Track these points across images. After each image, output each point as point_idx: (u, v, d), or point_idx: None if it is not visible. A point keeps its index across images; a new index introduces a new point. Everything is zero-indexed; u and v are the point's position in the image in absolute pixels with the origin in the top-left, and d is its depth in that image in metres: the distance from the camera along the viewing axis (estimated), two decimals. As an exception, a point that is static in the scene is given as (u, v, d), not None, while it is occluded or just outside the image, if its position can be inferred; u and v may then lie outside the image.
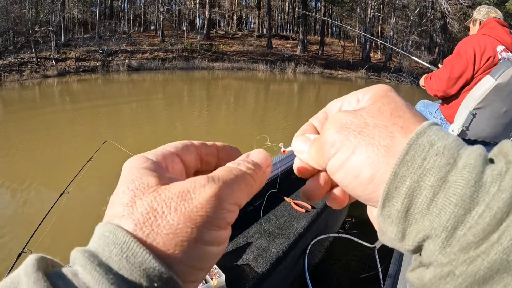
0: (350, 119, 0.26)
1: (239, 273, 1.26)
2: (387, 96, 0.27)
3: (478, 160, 0.21)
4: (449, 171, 0.21)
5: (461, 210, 0.20)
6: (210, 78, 19.26)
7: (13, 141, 6.79)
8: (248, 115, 10.18)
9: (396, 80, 21.30)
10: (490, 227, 0.19)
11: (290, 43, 29.26)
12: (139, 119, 8.92)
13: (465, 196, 0.20)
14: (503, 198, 0.19)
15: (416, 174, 0.22)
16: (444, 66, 2.61)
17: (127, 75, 18.62)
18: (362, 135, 0.24)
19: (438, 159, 0.21)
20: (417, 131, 0.23)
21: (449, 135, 0.23)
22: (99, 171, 4.91)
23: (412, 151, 0.22)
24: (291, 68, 23.27)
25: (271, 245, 1.44)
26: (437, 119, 2.95)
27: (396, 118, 0.25)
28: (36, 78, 16.28)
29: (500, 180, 0.20)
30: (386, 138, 0.24)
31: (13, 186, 4.70)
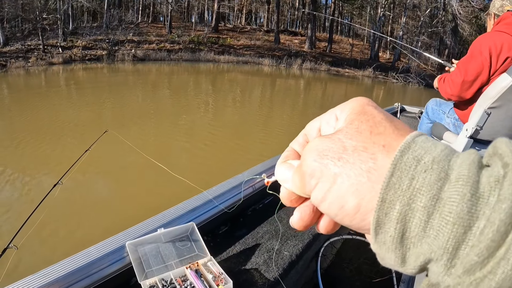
0: (327, 145, 0.24)
1: (248, 278, 1.13)
2: (364, 112, 0.25)
3: (471, 168, 0.19)
4: (441, 187, 0.19)
5: (460, 229, 0.18)
6: (216, 71, 19.16)
7: (16, 128, 6.73)
8: (253, 110, 10.06)
9: (404, 81, 21.06)
10: (494, 243, 0.17)
11: (298, 39, 29.02)
12: (143, 110, 8.82)
13: (462, 212, 0.18)
14: (504, 208, 0.17)
15: (406, 197, 0.20)
16: (458, 68, 2.45)
17: (132, 65, 18.56)
18: (341, 161, 0.23)
19: (427, 176, 0.20)
20: (401, 147, 0.21)
21: (437, 145, 0.21)
22: (98, 162, 4.83)
23: (397, 172, 0.20)
24: (297, 64, 23.07)
25: (283, 247, 1.32)
26: (451, 118, 2.83)
27: (376, 136, 0.23)
28: (42, 65, 16.27)
29: (499, 188, 0.18)
30: (367, 161, 0.22)
31: (7, 175, 4.60)
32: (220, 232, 1.40)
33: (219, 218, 1.41)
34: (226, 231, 1.41)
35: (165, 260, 1.04)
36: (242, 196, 1.52)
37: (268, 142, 6.73)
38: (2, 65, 15.16)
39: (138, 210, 3.74)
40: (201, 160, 5.59)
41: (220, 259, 1.21)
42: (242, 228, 1.44)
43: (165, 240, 1.08)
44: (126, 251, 1.02)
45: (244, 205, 1.51)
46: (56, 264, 0.96)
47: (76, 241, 3.17)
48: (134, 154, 5.40)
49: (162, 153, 5.82)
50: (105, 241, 1.07)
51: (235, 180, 1.57)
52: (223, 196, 1.45)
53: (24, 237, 1.36)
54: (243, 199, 1.52)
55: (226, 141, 6.76)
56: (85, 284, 0.96)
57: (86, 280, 0.96)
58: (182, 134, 6.97)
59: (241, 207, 1.52)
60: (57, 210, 3.49)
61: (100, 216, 3.72)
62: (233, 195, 1.49)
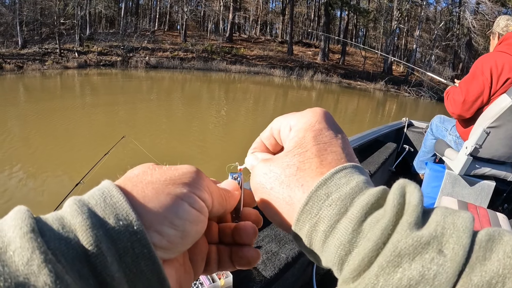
0: (266, 173, 0.30)
1: (247, 275, 1.24)
2: (302, 143, 0.30)
3: (361, 209, 0.25)
4: (338, 220, 0.25)
5: (342, 252, 0.24)
6: (228, 81, 19.36)
7: (32, 129, 6.96)
8: (266, 120, 10.16)
9: (416, 95, 21.00)
10: (360, 268, 0.23)
11: (312, 51, 29.19)
12: (157, 117, 9.02)
13: (345, 240, 0.24)
14: (369, 246, 0.23)
15: (313, 221, 0.26)
16: (460, 88, 2.50)
17: (145, 72, 18.90)
18: (272, 191, 0.30)
19: (330, 209, 0.26)
20: (317, 184, 0.27)
21: (349, 182, 0.27)
22: (114, 165, 5.00)
23: (310, 202, 0.27)
24: (308, 75, 23.18)
25: (281, 250, 1.41)
26: (452, 135, 2.91)
27: (300, 173, 0.29)
28: (57, 69, 16.68)
29: (373, 227, 0.24)
30: (287, 197, 0.29)
31: (29, 174, 4.80)
32: None
33: None
34: None
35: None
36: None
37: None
38: (19, 67, 15.61)
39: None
40: (211, 168, 5.72)
41: (222, 256, 1.33)
42: None
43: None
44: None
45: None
46: None
47: None
48: (148, 159, 5.55)
49: (174, 160, 5.98)
50: None
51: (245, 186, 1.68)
52: None
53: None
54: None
55: (237, 151, 6.88)
56: None
57: None
58: (193, 143, 7.13)
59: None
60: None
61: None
62: None
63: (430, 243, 0.22)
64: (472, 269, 0.21)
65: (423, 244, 0.22)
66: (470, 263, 0.21)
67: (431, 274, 0.21)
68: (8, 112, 7.94)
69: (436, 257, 0.22)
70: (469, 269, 0.21)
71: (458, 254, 0.21)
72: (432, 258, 0.22)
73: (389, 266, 0.22)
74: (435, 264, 0.21)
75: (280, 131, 0.34)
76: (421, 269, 0.21)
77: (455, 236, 0.22)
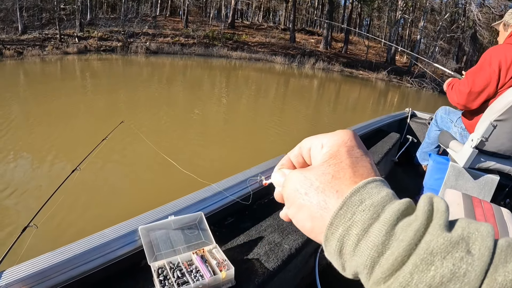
0: (301, 180, 0.33)
1: (249, 267, 1.20)
2: (337, 154, 0.33)
3: (394, 214, 0.27)
4: (371, 224, 0.27)
5: (375, 253, 0.26)
6: (229, 67, 19.21)
7: (30, 115, 6.91)
8: (266, 108, 10.11)
9: (418, 86, 20.86)
10: (393, 267, 0.25)
11: (315, 39, 28.89)
12: (157, 103, 8.94)
13: (378, 242, 0.26)
14: (403, 245, 0.25)
15: (346, 225, 0.28)
16: (466, 78, 2.45)
17: (145, 58, 18.75)
18: (307, 196, 0.32)
19: (364, 214, 0.28)
20: (352, 191, 0.29)
21: (380, 192, 0.29)
22: (112, 151, 4.96)
23: (345, 207, 0.29)
24: (310, 63, 22.96)
25: (284, 241, 1.38)
26: (458, 127, 2.86)
27: (335, 181, 0.31)
28: (57, 54, 16.55)
29: (405, 231, 0.26)
30: (322, 202, 0.31)
31: (25, 159, 4.77)
32: (226, 223, 1.47)
33: (226, 210, 1.48)
34: (232, 223, 1.48)
35: (174, 245, 1.12)
36: (250, 190, 1.60)
37: (279, 141, 6.80)
38: (19, 53, 15.48)
39: (150, 199, 3.85)
40: (212, 154, 5.68)
41: (224, 247, 1.28)
42: (247, 221, 1.50)
43: (174, 227, 1.16)
44: (138, 235, 1.10)
45: (250, 199, 1.59)
46: (73, 243, 1.04)
47: (91, 225, 3.30)
48: (146, 145, 5.53)
49: (174, 146, 5.94)
50: (119, 224, 1.15)
51: (243, 175, 1.63)
52: (231, 189, 1.52)
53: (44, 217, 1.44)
54: (250, 193, 1.60)
55: (238, 137, 6.84)
56: (99, 263, 1.03)
57: (100, 259, 1.04)
58: (194, 129, 7.07)
59: (248, 201, 1.60)
60: (75, 194, 3.63)
61: (114, 202, 3.84)
62: (241, 188, 1.56)
63: (459, 243, 0.24)
64: (495, 269, 0.23)
65: (453, 244, 0.24)
66: (494, 264, 0.23)
67: (462, 272, 0.23)
68: (7, 97, 7.86)
69: (465, 256, 0.23)
70: (493, 269, 0.23)
71: (484, 254, 0.24)
72: (461, 257, 0.23)
73: (423, 264, 0.24)
74: (465, 262, 0.23)
75: (311, 148, 0.37)
76: (452, 267, 0.23)
77: (480, 239, 0.24)
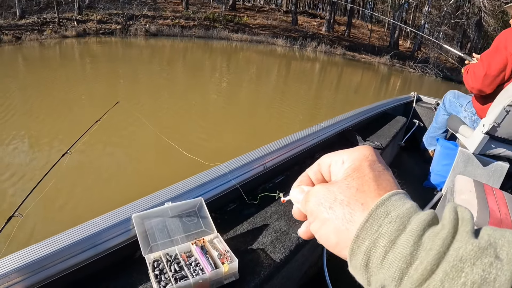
0: (324, 194, 0.33)
1: (254, 258, 1.10)
2: (359, 168, 0.33)
3: (420, 225, 0.27)
4: (398, 235, 0.27)
5: (403, 264, 0.26)
6: (230, 49, 18.94)
7: (27, 98, 6.77)
8: (268, 90, 9.96)
9: (421, 71, 20.59)
10: (423, 277, 0.25)
11: (317, 22, 28.38)
12: (156, 85, 8.79)
13: (406, 253, 0.26)
14: (432, 254, 0.25)
15: (373, 237, 0.28)
16: (481, 61, 2.35)
17: (145, 40, 18.46)
18: (331, 210, 0.32)
19: (390, 226, 0.28)
20: (377, 203, 0.29)
21: (405, 204, 0.29)
22: (108, 133, 4.85)
23: (371, 219, 0.29)
24: (312, 46, 22.61)
25: (291, 229, 1.27)
26: (468, 112, 2.76)
27: (360, 194, 0.31)
28: (55, 38, 16.31)
29: (433, 240, 0.26)
30: (347, 214, 0.31)
31: (18, 143, 4.64)
32: (228, 209, 1.37)
33: (228, 195, 1.39)
34: (234, 209, 1.38)
35: (171, 234, 1.03)
36: (253, 174, 1.50)
37: (282, 123, 6.69)
38: (17, 38, 15.24)
39: (147, 183, 3.76)
40: (213, 137, 5.59)
41: (226, 236, 1.19)
42: (250, 207, 1.40)
43: (172, 214, 1.07)
44: (132, 224, 1.01)
45: (254, 183, 1.49)
46: (61, 233, 0.95)
47: (83, 212, 3.20)
48: (145, 127, 5.42)
49: (174, 128, 5.83)
50: (111, 212, 1.05)
51: (247, 157, 1.53)
52: (234, 173, 1.42)
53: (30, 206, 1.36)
54: (253, 177, 1.50)
55: (239, 120, 6.73)
56: (89, 255, 0.95)
57: (90, 251, 0.95)
58: (194, 111, 6.96)
59: (251, 185, 1.49)
60: (65, 180, 3.52)
61: (108, 188, 3.74)
62: (244, 172, 1.46)
63: (488, 249, 0.24)
64: None
65: (482, 250, 0.24)
66: None
67: (492, 277, 0.23)
68: (4, 82, 7.70)
69: (494, 261, 0.23)
70: None
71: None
72: (491, 263, 0.23)
73: (453, 271, 0.24)
74: (494, 268, 0.23)
75: (331, 165, 0.37)
76: (482, 273, 0.23)
77: (507, 244, 0.24)
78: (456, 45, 25.00)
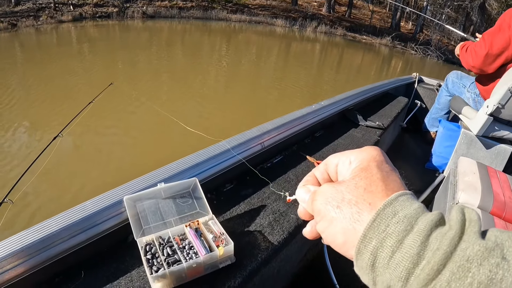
0: (332, 193, 0.33)
1: (251, 241, 1.06)
2: (367, 168, 0.33)
3: (427, 225, 0.27)
4: (405, 235, 0.27)
5: (410, 264, 0.26)
6: (229, 30, 18.63)
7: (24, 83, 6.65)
8: (268, 70, 9.81)
9: (423, 53, 20.31)
10: (429, 277, 0.25)
11: (318, 2, 27.83)
12: (155, 67, 8.64)
13: (413, 253, 0.26)
14: (439, 254, 0.25)
15: (380, 237, 0.28)
16: (483, 40, 2.28)
17: (142, 22, 18.13)
18: (339, 209, 0.32)
19: (398, 226, 0.28)
20: (385, 203, 0.29)
21: (412, 205, 0.29)
22: (102, 115, 4.76)
23: (378, 219, 0.29)
24: (312, 26, 22.24)
25: (290, 210, 1.23)
26: (471, 93, 2.70)
27: (367, 194, 0.31)
28: (51, 24, 16.02)
29: (440, 241, 0.26)
30: (355, 214, 0.31)
31: (10, 126, 4.56)
32: (224, 190, 1.33)
33: (224, 175, 1.34)
34: (231, 189, 1.34)
35: (164, 217, 0.99)
36: (250, 153, 1.45)
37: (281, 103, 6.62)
38: (13, 25, 14.96)
39: (141, 165, 3.71)
40: (213, 116, 5.52)
41: (222, 218, 1.15)
42: (248, 187, 1.36)
43: (165, 195, 1.02)
44: (124, 206, 0.96)
45: (252, 162, 1.45)
46: (50, 219, 0.91)
47: (76, 196, 3.14)
48: (140, 108, 5.35)
49: (173, 108, 5.75)
50: (102, 195, 1.01)
51: (243, 136, 1.49)
52: (229, 153, 1.38)
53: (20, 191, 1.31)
54: (252, 156, 1.45)
55: (238, 101, 6.63)
56: (80, 240, 0.91)
57: (81, 236, 0.91)
58: (194, 91, 6.87)
59: (249, 164, 1.46)
60: (57, 163, 3.46)
61: (104, 170, 3.68)
62: (241, 151, 1.42)
63: (494, 249, 0.24)
64: None
65: (489, 250, 0.24)
66: None
67: (498, 278, 0.23)
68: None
69: (501, 262, 0.24)
70: None
71: None
72: (497, 263, 0.23)
73: (460, 271, 0.24)
74: (501, 268, 0.23)
75: (338, 165, 0.37)
76: (489, 273, 0.23)
77: None
78: (458, 28, 24.57)
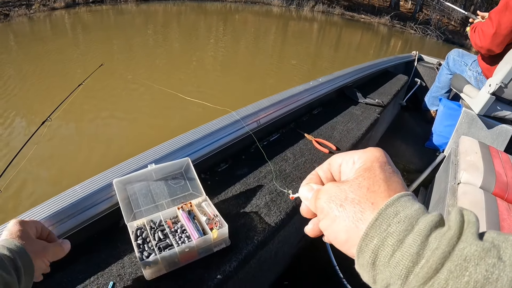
0: (335, 192, 0.34)
1: (246, 222, 1.02)
2: (370, 168, 0.34)
3: (427, 226, 0.28)
4: (406, 235, 0.28)
5: (410, 263, 0.27)
6: (225, 11, 18.28)
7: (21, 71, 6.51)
8: (265, 53, 9.65)
9: (422, 33, 20.01)
10: (428, 275, 0.26)
11: (315, -19, 27.29)
12: (152, 49, 8.47)
13: (413, 252, 0.27)
14: (437, 253, 0.26)
15: (382, 236, 0.29)
16: (490, 19, 2.21)
17: (136, 6, 17.73)
18: (342, 208, 0.33)
19: (399, 225, 0.29)
20: (387, 203, 0.30)
21: (413, 206, 0.30)
22: (93, 97, 4.66)
23: (380, 218, 0.30)
24: (309, 6, 21.83)
25: (288, 189, 1.19)
26: (473, 71, 2.63)
27: (370, 194, 0.32)
28: (44, 11, 15.66)
29: (439, 240, 0.27)
30: (358, 213, 0.32)
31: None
32: (219, 170, 1.28)
33: (218, 155, 1.29)
34: (225, 169, 1.29)
35: (156, 199, 0.95)
36: (247, 131, 1.40)
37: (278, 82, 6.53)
38: (5, 15, 14.59)
39: (134, 147, 3.64)
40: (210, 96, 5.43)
41: (217, 199, 1.11)
42: (243, 167, 1.31)
43: (156, 177, 0.97)
44: (114, 190, 0.92)
45: (247, 141, 1.40)
46: (40, 205, 0.87)
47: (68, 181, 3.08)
48: (132, 90, 5.25)
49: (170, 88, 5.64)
50: (92, 179, 0.96)
51: (238, 113, 1.43)
52: (224, 130, 1.32)
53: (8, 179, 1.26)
54: (248, 134, 1.40)
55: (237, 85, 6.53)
56: (69, 226, 0.87)
57: (70, 222, 0.88)
58: (191, 71, 6.75)
59: (244, 143, 1.40)
60: (46, 148, 3.39)
61: (97, 153, 3.61)
62: (236, 129, 1.37)
63: (491, 250, 0.25)
64: None
65: (485, 251, 0.25)
66: None
67: (494, 277, 0.24)
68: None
69: (497, 262, 0.24)
70: None
71: None
72: (494, 263, 0.24)
73: (457, 270, 0.25)
74: (497, 268, 0.24)
75: (342, 164, 0.38)
76: (485, 273, 0.24)
77: (510, 247, 0.25)
78: (459, 7, 24.16)
